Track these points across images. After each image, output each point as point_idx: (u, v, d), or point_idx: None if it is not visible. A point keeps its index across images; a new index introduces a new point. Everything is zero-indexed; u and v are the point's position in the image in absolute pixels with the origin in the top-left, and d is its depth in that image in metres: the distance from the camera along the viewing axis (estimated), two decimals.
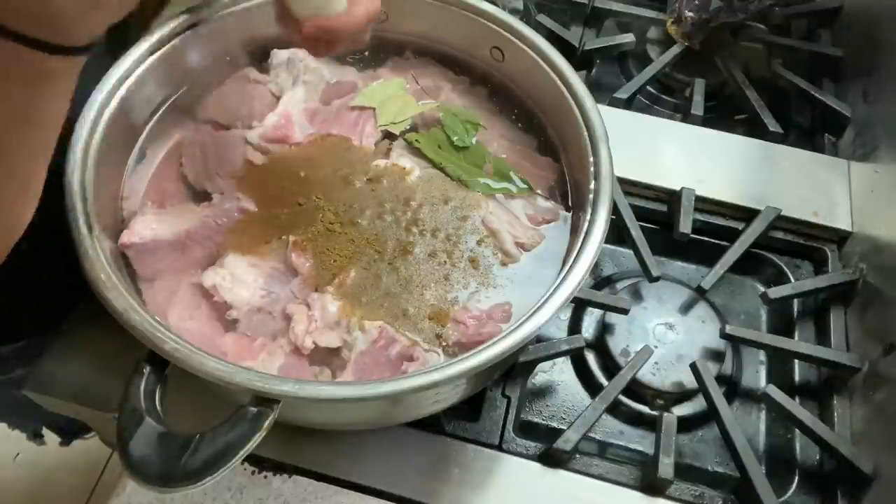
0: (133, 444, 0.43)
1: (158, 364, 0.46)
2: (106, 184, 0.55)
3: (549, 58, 0.61)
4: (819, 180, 0.80)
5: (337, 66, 0.68)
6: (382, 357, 0.52)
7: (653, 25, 0.96)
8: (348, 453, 0.61)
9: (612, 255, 0.79)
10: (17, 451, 1.47)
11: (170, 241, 0.56)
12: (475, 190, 0.61)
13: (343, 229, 0.58)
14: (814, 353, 0.69)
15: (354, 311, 0.54)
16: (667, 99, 0.93)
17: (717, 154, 0.82)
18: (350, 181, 0.61)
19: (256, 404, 0.44)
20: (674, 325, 0.71)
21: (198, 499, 0.59)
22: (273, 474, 0.60)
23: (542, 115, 0.66)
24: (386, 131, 0.65)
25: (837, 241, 0.78)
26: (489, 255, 0.58)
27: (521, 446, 0.63)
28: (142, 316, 0.46)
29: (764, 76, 0.92)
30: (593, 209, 0.54)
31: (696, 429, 0.68)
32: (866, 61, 0.88)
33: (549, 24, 0.92)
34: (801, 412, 0.64)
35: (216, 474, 0.42)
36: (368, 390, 0.45)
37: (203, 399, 0.53)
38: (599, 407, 0.63)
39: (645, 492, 0.62)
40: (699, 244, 0.78)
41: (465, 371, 0.45)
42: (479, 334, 0.53)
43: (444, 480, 0.61)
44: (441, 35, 0.68)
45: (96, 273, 0.48)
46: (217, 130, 0.64)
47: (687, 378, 0.68)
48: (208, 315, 0.55)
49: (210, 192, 0.60)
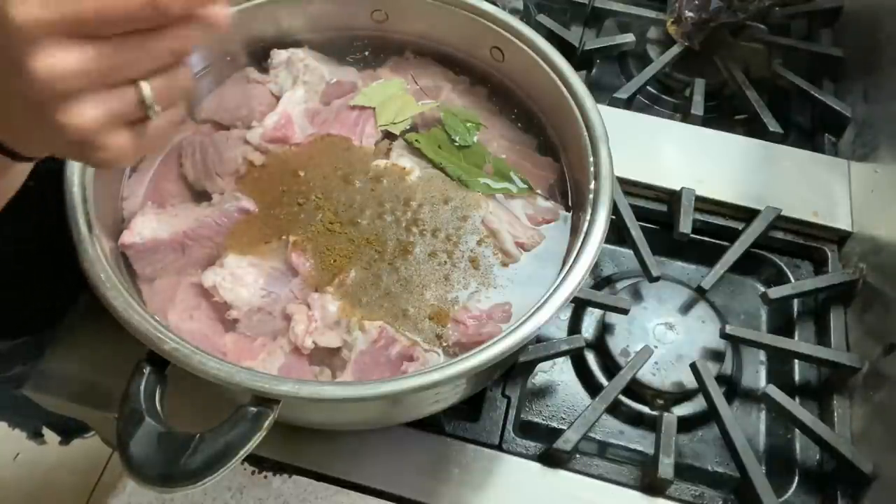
0: (133, 444, 0.43)
1: (158, 364, 0.46)
2: (106, 184, 0.55)
3: (549, 58, 0.61)
4: (819, 180, 0.80)
5: (337, 66, 0.68)
6: (382, 357, 0.52)
7: (653, 25, 0.96)
8: (348, 453, 0.61)
9: (612, 255, 0.79)
10: (17, 450, 1.47)
11: (170, 241, 0.56)
12: (475, 190, 0.61)
13: (343, 229, 0.58)
14: (814, 353, 0.69)
15: (354, 311, 0.54)
16: (667, 99, 0.93)
17: (717, 154, 0.82)
18: (350, 181, 0.61)
19: (256, 404, 0.44)
20: (674, 325, 0.71)
21: (198, 499, 0.59)
22: (273, 474, 0.60)
23: (542, 115, 0.66)
24: (386, 131, 0.65)
25: (837, 241, 0.78)
26: (489, 255, 0.58)
27: (521, 446, 0.63)
28: (142, 316, 0.46)
29: (764, 76, 0.92)
30: (593, 209, 0.54)
31: (696, 429, 0.68)
32: (866, 61, 0.88)
33: (549, 24, 0.92)
34: (801, 412, 0.64)
35: (216, 474, 0.42)
36: (368, 390, 0.45)
37: (203, 399, 0.53)
38: (599, 407, 0.63)
39: (645, 492, 0.62)
40: (699, 244, 0.78)
41: (465, 371, 0.45)
42: (479, 334, 0.53)
43: (444, 480, 0.61)
44: (441, 35, 0.68)
45: (96, 273, 0.48)
46: (217, 130, 0.64)
47: (687, 378, 0.68)
48: (208, 315, 0.55)
49: (210, 192, 0.60)
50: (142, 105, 0.36)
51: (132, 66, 0.35)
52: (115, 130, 0.36)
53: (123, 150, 0.37)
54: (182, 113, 0.41)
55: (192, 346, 0.46)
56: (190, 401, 0.53)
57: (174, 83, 0.37)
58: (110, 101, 0.35)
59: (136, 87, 0.36)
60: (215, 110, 0.64)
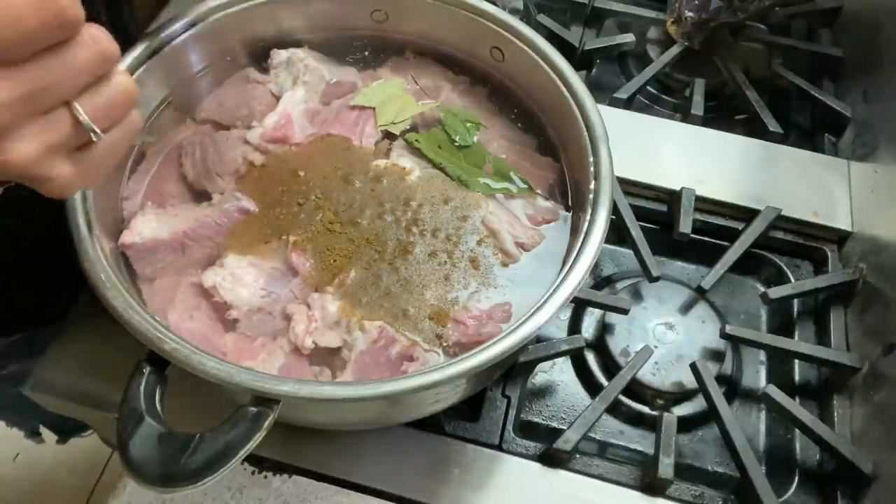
0: (133, 444, 0.43)
1: (158, 364, 0.46)
2: (106, 184, 0.55)
3: (549, 58, 0.61)
4: (819, 180, 0.80)
5: (337, 66, 0.68)
6: (382, 357, 0.52)
7: (653, 25, 0.96)
8: (348, 453, 0.61)
9: (612, 255, 0.79)
10: (16, 451, 1.48)
11: (170, 241, 0.56)
12: (475, 190, 0.61)
13: (343, 229, 0.58)
14: (814, 353, 0.69)
15: (354, 311, 0.54)
16: (667, 99, 0.93)
17: (717, 154, 0.82)
18: (350, 181, 0.61)
19: (256, 404, 0.44)
20: (674, 325, 0.71)
21: (198, 499, 0.59)
22: (273, 474, 0.60)
23: (542, 115, 0.66)
24: (386, 131, 0.65)
25: (837, 241, 0.78)
26: (489, 255, 0.58)
27: (521, 446, 0.63)
28: (142, 316, 0.46)
29: (764, 76, 0.92)
30: (593, 209, 0.54)
31: (696, 429, 0.68)
32: (866, 61, 0.88)
33: (549, 24, 0.92)
34: (801, 412, 0.64)
35: (216, 474, 0.42)
36: (368, 390, 0.45)
37: (203, 399, 0.53)
38: (599, 407, 0.63)
39: (645, 492, 0.62)
40: (699, 244, 0.78)
41: (465, 371, 0.45)
42: (479, 334, 0.53)
43: (444, 480, 0.61)
44: (441, 35, 0.68)
45: (96, 273, 0.48)
46: (217, 130, 0.63)
47: (687, 378, 0.68)
48: (208, 315, 0.55)
49: (210, 192, 0.60)
50: (79, 128, 0.34)
51: (55, 86, 0.33)
52: (59, 160, 0.34)
53: (70, 179, 0.35)
54: (136, 125, 0.38)
55: (192, 346, 0.45)
56: (190, 401, 0.52)
57: (110, 98, 0.35)
58: (45, 132, 0.33)
59: (69, 110, 0.34)
60: (215, 110, 0.64)
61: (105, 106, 0.35)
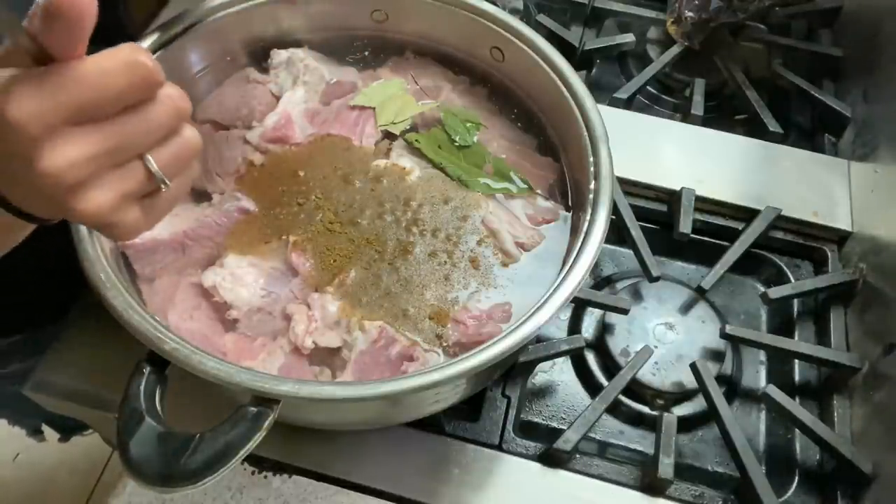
0: (133, 444, 0.43)
1: (158, 364, 0.46)
2: None
3: (549, 58, 0.61)
4: (819, 180, 0.80)
5: (337, 66, 0.69)
6: (382, 357, 0.52)
7: (653, 25, 0.96)
8: (348, 453, 0.61)
9: (612, 255, 0.79)
10: (17, 450, 1.48)
11: (169, 240, 0.56)
12: (475, 190, 0.61)
13: (343, 229, 0.58)
14: (814, 353, 0.69)
15: (354, 311, 0.54)
16: (667, 99, 0.93)
17: (717, 154, 0.82)
18: (350, 181, 0.61)
19: (256, 404, 0.44)
20: (674, 325, 0.71)
21: (198, 499, 0.59)
22: (273, 474, 0.60)
23: (542, 115, 0.66)
24: (386, 131, 0.65)
25: (837, 241, 0.78)
26: (489, 255, 0.58)
27: (521, 446, 0.63)
28: (142, 316, 0.46)
29: (764, 76, 0.92)
30: (593, 209, 0.54)
31: (696, 429, 0.68)
32: (866, 61, 0.88)
33: (549, 24, 0.91)
34: (801, 412, 0.64)
35: (216, 474, 0.42)
36: (368, 390, 0.45)
37: (203, 399, 0.53)
38: (599, 407, 0.63)
39: (645, 492, 0.62)
40: (699, 244, 0.78)
41: (465, 371, 0.45)
42: (479, 334, 0.53)
43: (444, 480, 0.61)
44: (441, 35, 0.68)
45: (96, 273, 0.48)
46: (217, 130, 0.64)
47: (687, 378, 0.68)
48: (208, 315, 0.55)
49: (210, 192, 0.60)
50: (151, 179, 0.37)
51: (135, 141, 0.35)
52: (129, 207, 0.37)
53: (137, 224, 0.37)
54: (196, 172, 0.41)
55: (192, 346, 0.45)
56: (190, 401, 0.53)
57: (179, 151, 0.37)
58: (121, 182, 0.35)
59: (143, 162, 0.36)
60: (215, 110, 0.64)
61: (174, 157, 0.37)
